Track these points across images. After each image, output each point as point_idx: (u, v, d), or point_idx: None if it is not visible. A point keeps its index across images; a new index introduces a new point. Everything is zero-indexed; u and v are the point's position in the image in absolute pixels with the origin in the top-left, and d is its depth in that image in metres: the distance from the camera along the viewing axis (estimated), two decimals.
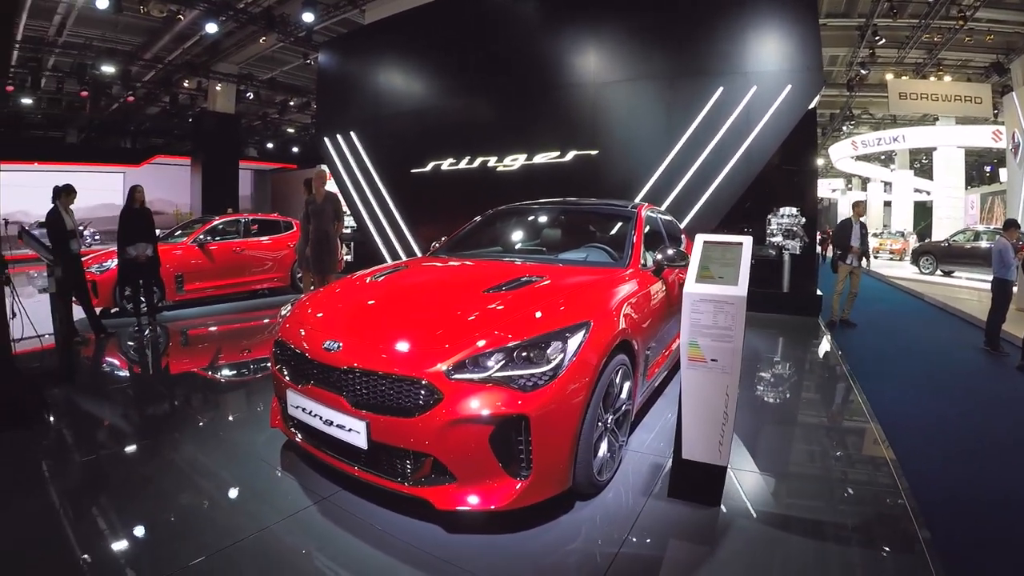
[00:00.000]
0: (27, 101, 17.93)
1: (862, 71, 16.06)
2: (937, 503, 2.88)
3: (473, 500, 2.25)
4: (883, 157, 26.65)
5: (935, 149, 21.17)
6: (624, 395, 2.95)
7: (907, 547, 2.47)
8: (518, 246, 4.28)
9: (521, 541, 2.35)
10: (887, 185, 28.38)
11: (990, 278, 6.92)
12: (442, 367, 2.26)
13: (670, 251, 3.60)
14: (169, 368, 5.38)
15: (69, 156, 22.88)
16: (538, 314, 2.58)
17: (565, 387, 2.32)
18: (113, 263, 6.84)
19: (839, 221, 9.23)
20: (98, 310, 6.66)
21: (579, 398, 2.38)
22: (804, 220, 9.23)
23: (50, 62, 16.03)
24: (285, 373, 2.78)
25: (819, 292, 9.07)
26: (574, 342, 2.42)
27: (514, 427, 2.23)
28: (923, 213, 25.56)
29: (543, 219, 4.52)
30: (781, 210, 9.25)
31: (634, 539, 2.41)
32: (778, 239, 9.06)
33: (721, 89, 8.43)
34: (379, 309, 2.88)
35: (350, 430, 2.38)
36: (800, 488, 3.04)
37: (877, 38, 14.02)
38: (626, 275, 3.31)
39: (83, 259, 6.55)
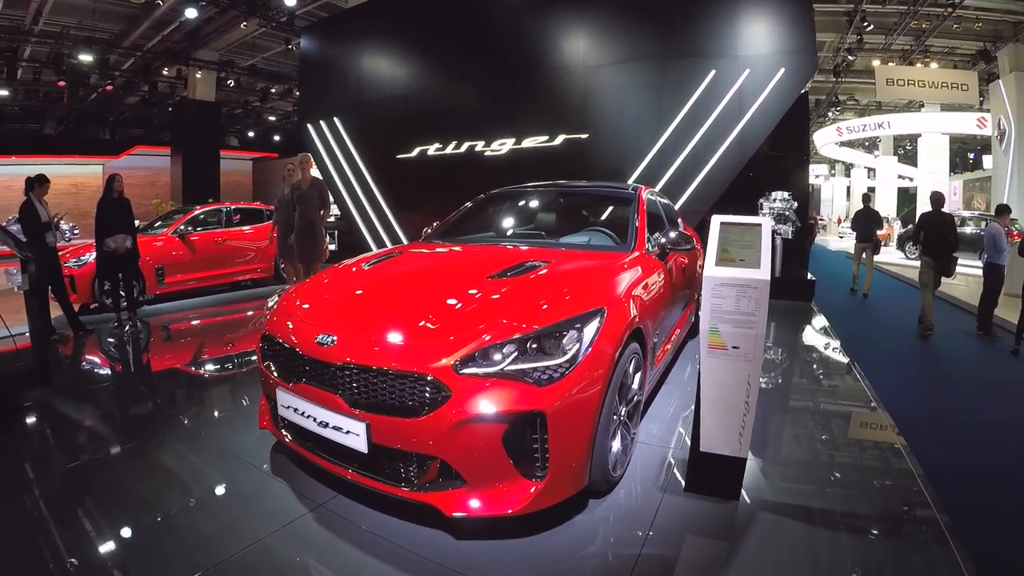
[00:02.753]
0: (3, 92, 17.29)
1: (849, 57, 16.09)
2: (953, 489, 2.81)
3: (485, 505, 2.08)
4: (867, 143, 26.79)
5: (920, 136, 21.33)
6: (636, 385, 2.80)
7: (929, 532, 2.41)
8: (515, 231, 4.08)
9: (535, 545, 2.19)
10: (871, 171, 28.57)
11: (975, 263, 6.89)
12: (449, 361, 2.08)
13: (673, 234, 3.45)
14: (151, 365, 5.13)
15: (47, 148, 22.20)
16: (548, 302, 2.39)
17: (582, 379, 2.15)
18: (92, 256, 6.58)
19: (856, 211, 10.31)
20: (77, 306, 6.39)
21: (596, 391, 2.22)
22: (796, 204, 9.19)
23: (26, 52, 15.47)
24: (273, 370, 2.57)
25: (810, 277, 9.02)
26: (589, 331, 2.25)
27: (529, 425, 2.06)
28: (906, 199, 25.79)
29: (540, 202, 4.32)
30: (773, 194, 9.19)
31: (654, 538, 2.27)
32: (770, 224, 8.98)
33: (713, 72, 8.29)
34: (375, 299, 2.66)
35: (348, 432, 2.19)
36: (813, 476, 2.94)
37: (865, 24, 14.00)
38: (631, 259, 3.14)
39: (60, 253, 6.29)
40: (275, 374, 2.54)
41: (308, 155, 6.44)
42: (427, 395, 2.08)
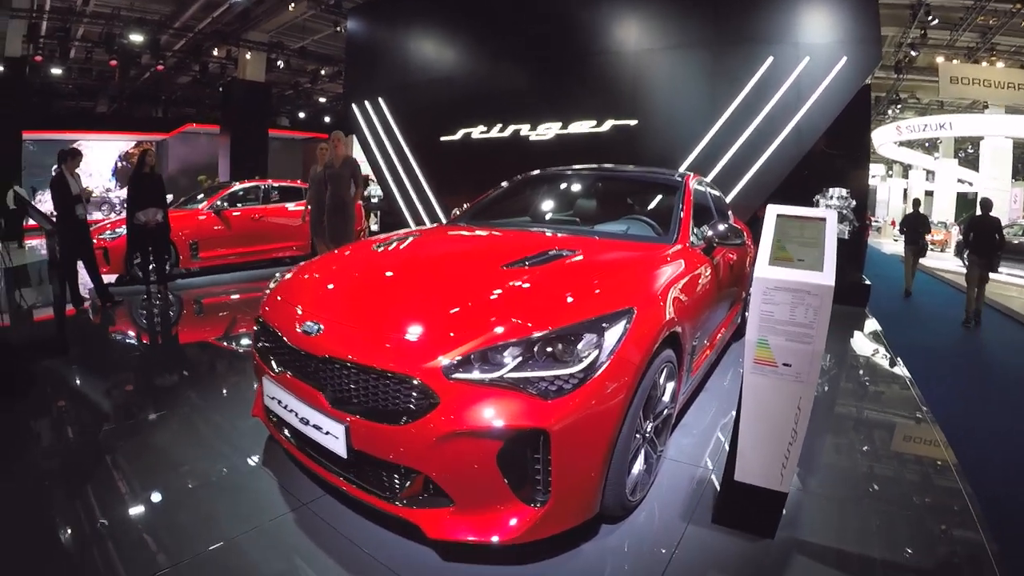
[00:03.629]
0: (56, 71, 17.67)
1: (912, 52, 15.11)
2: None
3: (473, 530, 1.79)
4: (927, 144, 25.38)
5: (982, 138, 20.03)
6: (667, 397, 2.46)
7: None
8: (549, 216, 3.75)
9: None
10: (929, 174, 27.09)
11: None
12: (440, 363, 1.78)
13: (721, 227, 3.08)
14: (172, 340, 5.06)
15: (99, 125, 22.67)
16: (568, 297, 2.08)
17: (598, 393, 1.82)
18: (124, 230, 6.59)
19: (906, 214, 10.40)
20: (113, 278, 6.44)
21: (616, 406, 1.89)
22: (855, 203, 8.59)
23: (79, 32, 15.74)
24: (262, 356, 2.34)
25: (866, 281, 8.44)
26: (612, 335, 1.92)
27: (529, 444, 1.75)
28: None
29: (578, 186, 3.98)
30: (830, 191, 8.57)
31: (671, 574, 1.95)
32: (835, 218, 8.43)
33: (771, 59, 7.77)
34: (373, 285, 2.37)
35: (327, 433, 1.93)
36: (859, 514, 2.52)
37: (930, 18, 13.11)
38: (673, 252, 2.78)
39: (95, 226, 6.36)
40: (263, 360, 2.31)
41: (340, 133, 6.25)
42: (412, 401, 1.79)
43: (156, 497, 2.33)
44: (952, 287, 10.89)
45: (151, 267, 6.42)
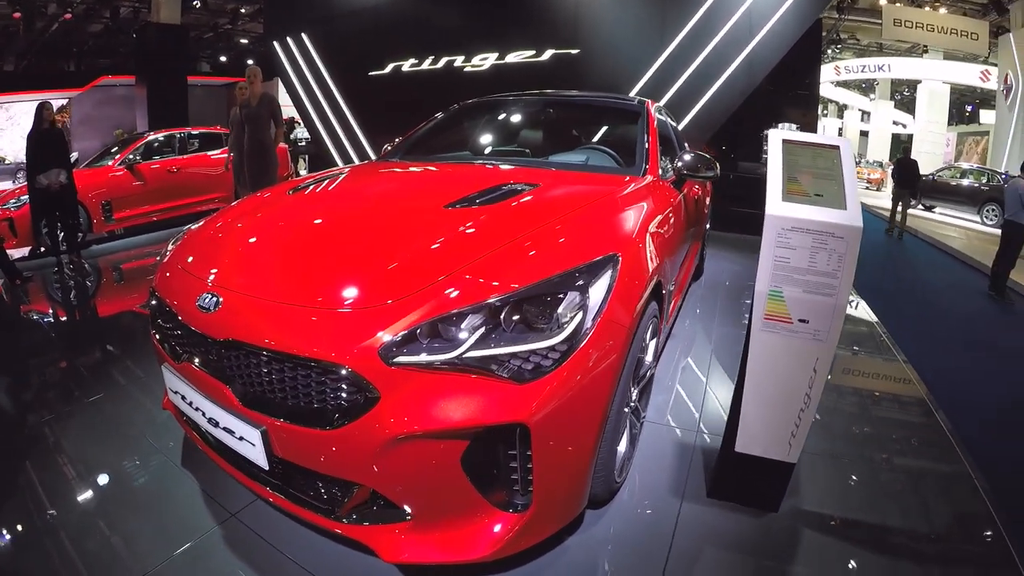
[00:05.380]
0: None
1: None
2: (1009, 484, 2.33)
3: (440, 549, 1.41)
4: (863, 85, 25.81)
5: (919, 82, 20.47)
6: (650, 357, 2.14)
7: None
8: (493, 148, 3.25)
9: None
10: (865, 114, 27.69)
11: (972, 217, 6.41)
12: (376, 342, 1.33)
13: (688, 156, 2.71)
14: (85, 316, 4.40)
15: (7, 85, 20.33)
16: (535, 244, 1.63)
17: (584, 367, 1.43)
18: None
19: (898, 158, 11.10)
20: (27, 251, 5.73)
21: (605, 380, 1.52)
22: None
23: None
24: (159, 339, 1.84)
25: None
26: (597, 291, 1.51)
27: (503, 440, 1.37)
28: (898, 146, 25.14)
29: (525, 114, 3.49)
30: (780, 126, 8.46)
31: (676, 567, 1.68)
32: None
33: None
34: (287, 240, 1.83)
35: (242, 439, 1.49)
36: (854, 473, 2.34)
37: None
38: (645, 186, 2.39)
39: None
40: (160, 345, 1.81)
41: (256, 68, 5.53)
42: (342, 396, 1.36)
43: (60, 515, 1.87)
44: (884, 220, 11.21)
45: (60, 235, 5.72)
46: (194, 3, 16.56)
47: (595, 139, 3.27)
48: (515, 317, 1.40)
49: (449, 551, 1.40)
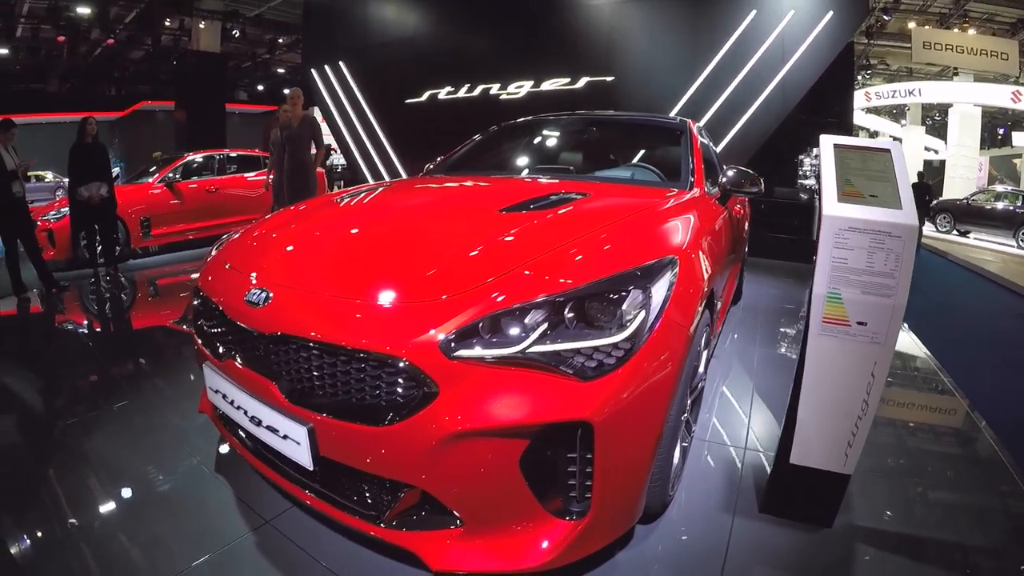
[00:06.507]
0: (2, 51, 16.27)
1: (884, 17, 14.98)
2: None
3: (492, 559, 1.35)
4: (894, 111, 25.54)
5: (950, 106, 20.18)
6: (702, 367, 2.09)
7: None
8: (537, 166, 3.24)
9: None
10: (896, 141, 27.31)
11: (1008, 241, 6.29)
12: (436, 336, 1.30)
13: (732, 172, 2.68)
14: (121, 327, 4.49)
15: (50, 107, 21.31)
16: (596, 244, 1.61)
17: (647, 367, 1.38)
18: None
19: (912, 183, 11.01)
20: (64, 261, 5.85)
21: (666, 383, 1.46)
22: None
23: (24, 8, 14.55)
24: (202, 338, 1.84)
25: None
26: (659, 291, 1.47)
27: (565, 441, 1.33)
28: (931, 172, 24.71)
29: (568, 133, 3.50)
30: (815, 151, 8.36)
31: None
32: (811, 182, 8.26)
33: (754, 12, 7.46)
34: (340, 241, 1.86)
35: (286, 437, 1.46)
36: (898, 491, 2.26)
37: None
38: (693, 199, 2.36)
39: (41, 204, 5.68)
40: (204, 344, 1.82)
41: (298, 89, 5.65)
42: (398, 391, 1.32)
43: (90, 519, 1.85)
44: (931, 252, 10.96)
45: (98, 248, 5.84)
46: (233, 33, 17.14)
47: (638, 157, 3.25)
48: (578, 314, 1.37)
49: (500, 560, 1.35)
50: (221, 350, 1.71)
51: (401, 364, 1.29)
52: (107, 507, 1.91)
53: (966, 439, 2.88)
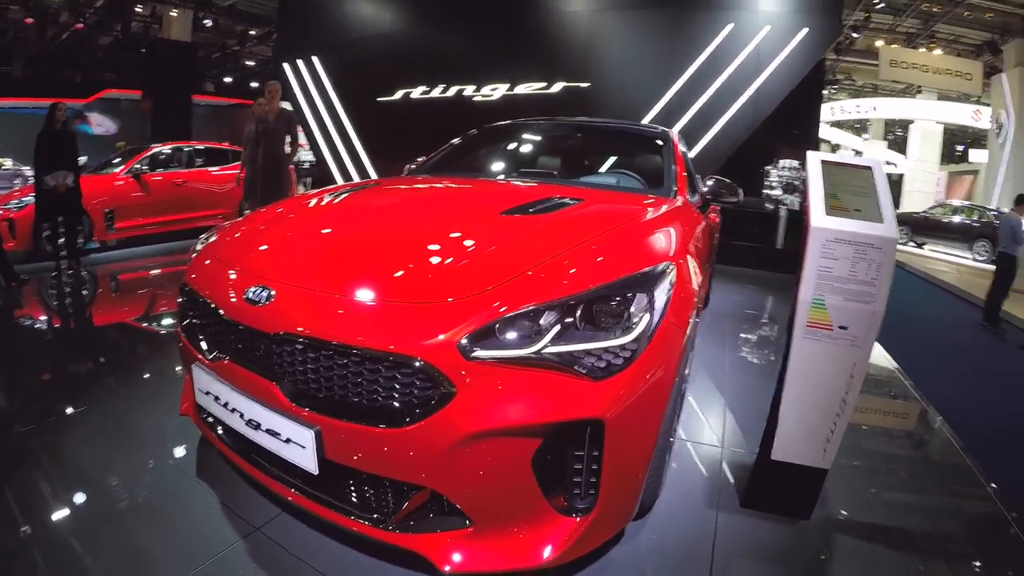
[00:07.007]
0: None
1: (854, 35, 15.55)
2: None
3: (501, 558, 1.38)
4: (856, 125, 26.44)
5: (911, 122, 21.02)
6: (688, 370, 2.16)
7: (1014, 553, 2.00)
8: (521, 169, 3.25)
9: None
10: (857, 154, 28.28)
11: (964, 254, 6.69)
12: (453, 338, 1.31)
13: (711, 182, 2.79)
14: (86, 323, 4.34)
15: (14, 91, 20.33)
16: (599, 249, 1.64)
17: (651, 367, 1.43)
18: (33, 198, 5.75)
19: None
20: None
21: (666, 383, 1.52)
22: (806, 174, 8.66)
23: None
24: (190, 338, 1.79)
25: None
26: (660, 295, 1.52)
27: (575, 438, 1.36)
28: (891, 186, 25.57)
29: (551, 139, 3.54)
30: (781, 162, 8.65)
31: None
32: (776, 192, 8.51)
33: (731, 26, 7.65)
34: (338, 239, 1.84)
35: (288, 441, 1.44)
36: (868, 485, 2.43)
37: (876, 2, 13.43)
38: (678, 207, 2.41)
39: None
40: (192, 344, 1.76)
41: (276, 83, 5.57)
42: (415, 391, 1.32)
43: (66, 532, 1.73)
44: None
45: (61, 240, 5.63)
46: (205, 22, 16.84)
47: (620, 164, 3.30)
48: (586, 316, 1.41)
49: (508, 558, 1.37)
50: (214, 350, 1.67)
51: (418, 364, 1.30)
52: (82, 519, 1.80)
53: (927, 438, 3.08)
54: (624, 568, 1.68)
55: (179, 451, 2.21)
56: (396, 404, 1.34)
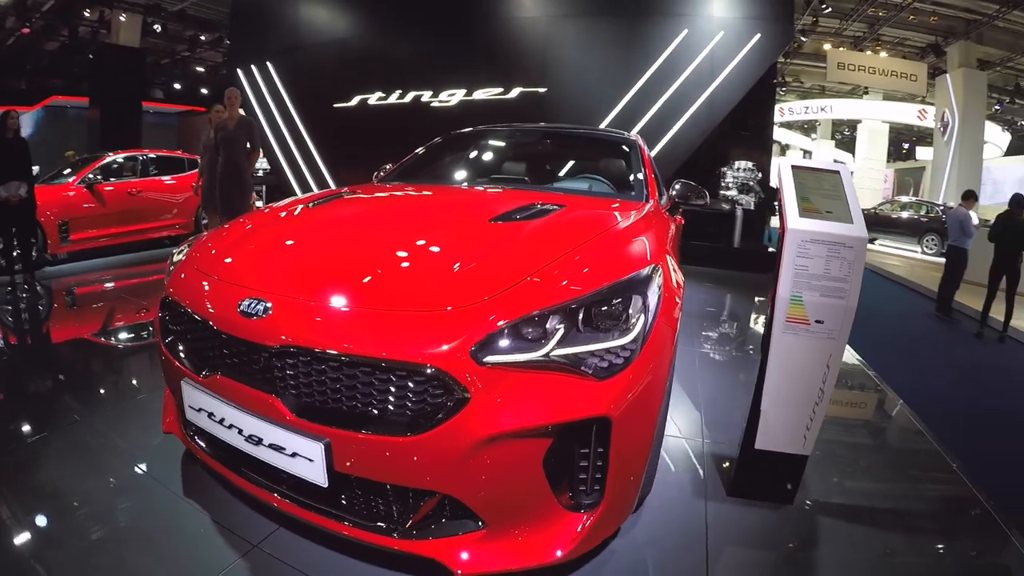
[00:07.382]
0: None
1: (802, 38, 16.14)
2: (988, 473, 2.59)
3: (513, 558, 1.41)
4: (805, 126, 27.42)
5: (859, 122, 21.93)
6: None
7: (982, 526, 2.19)
8: (493, 176, 3.25)
9: None
10: (806, 153, 29.34)
11: (912, 248, 7.03)
12: (468, 341, 1.34)
13: (679, 186, 2.88)
14: (46, 338, 4.17)
15: None
16: (587, 257, 1.69)
17: (648, 366, 1.49)
18: None
19: None
20: None
21: (661, 380, 1.59)
22: (760, 175, 8.94)
23: None
24: (177, 353, 1.74)
25: (771, 248, 8.86)
26: (652, 296, 1.58)
27: (582, 437, 1.41)
28: None
29: (523, 145, 3.59)
30: (737, 163, 8.90)
31: (717, 560, 1.78)
32: (732, 192, 8.77)
33: (686, 31, 7.87)
34: (328, 248, 1.82)
35: (295, 455, 1.42)
36: (844, 470, 2.58)
37: (823, 6, 13.97)
38: (651, 211, 2.47)
39: None
40: (179, 360, 1.71)
41: (235, 90, 5.45)
42: (428, 399, 1.34)
43: (52, 563, 1.64)
44: None
45: (15, 253, 5.43)
46: (155, 27, 16.36)
47: (589, 169, 3.35)
48: (590, 318, 1.46)
49: (522, 557, 1.41)
50: (204, 366, 1.63)
51: (430, 372, 1.31)
52: (67, 546, 1.70)
53: (895, 425, 3.26)
54: (625, 561, 1.74)
55: (160, 470, 2.12)
56: (409, 412, 1.35)
